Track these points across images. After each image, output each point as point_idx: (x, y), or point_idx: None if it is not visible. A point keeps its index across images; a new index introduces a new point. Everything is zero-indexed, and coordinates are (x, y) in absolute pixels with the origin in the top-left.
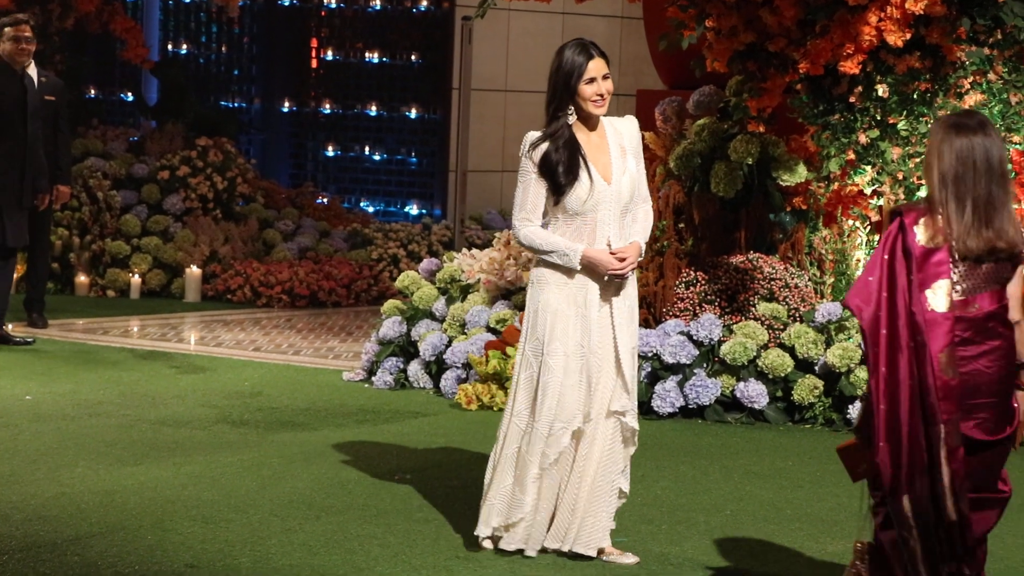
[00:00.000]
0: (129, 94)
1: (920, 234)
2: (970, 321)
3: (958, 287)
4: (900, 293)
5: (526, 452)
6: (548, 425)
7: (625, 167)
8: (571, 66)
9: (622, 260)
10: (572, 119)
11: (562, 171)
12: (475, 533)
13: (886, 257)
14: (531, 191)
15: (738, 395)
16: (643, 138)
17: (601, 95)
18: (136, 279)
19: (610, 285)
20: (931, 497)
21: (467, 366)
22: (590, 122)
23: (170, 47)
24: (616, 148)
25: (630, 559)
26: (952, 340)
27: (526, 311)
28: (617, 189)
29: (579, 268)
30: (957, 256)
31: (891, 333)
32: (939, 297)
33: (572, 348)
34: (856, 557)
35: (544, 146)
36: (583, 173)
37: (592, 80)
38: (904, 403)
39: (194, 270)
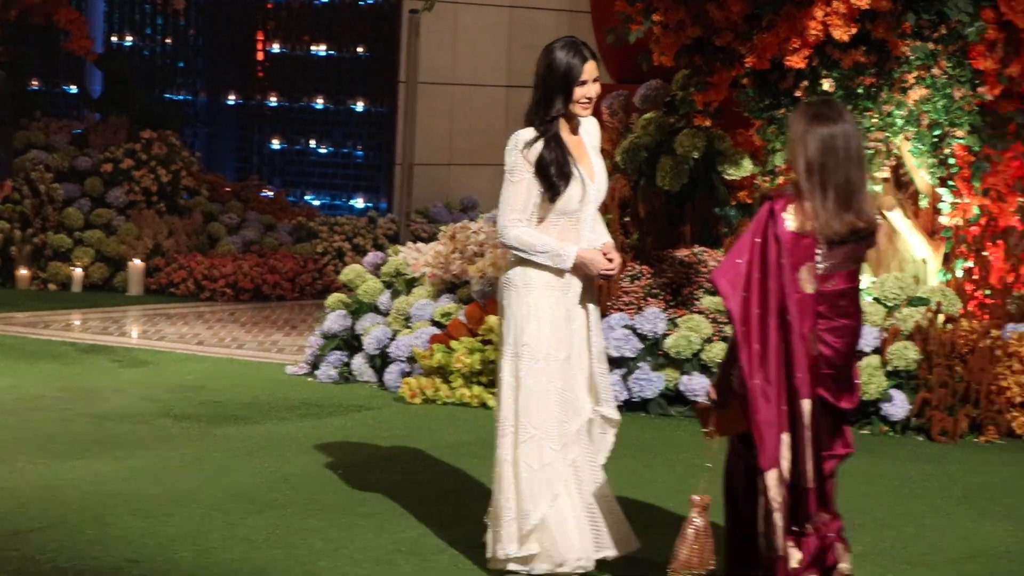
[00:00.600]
0: (73, 86)
1: (789, 220)
2: (825, 296)
3: (819, 266)
4: (772, 275)
5: (545, 461)
6: (562, 430)
7: (600, 166)
8: (567, 67)
9: (611, 260)
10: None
11: (555, 171)
12: (501, 555)
13: (758, 240)
14: (523, 191)
15: (682, 389)
16: None
17: (590, 98)
18: (78, 272)
19: (587, 287)
20: (794, 467)
21: (412, 360)
22: (572, 122)
23: (114, 39)
24: (591, 147)
25: None
26: (816, 317)
27: (512, 315)
28: (598, 187)
29: (570, 269)
30: (821, 239)
31: (763, 312)
32: (808, 279)
33: (565, 353)
34: (694, 513)
35: (538, 146)
36: (575, 172)
37: (584, 83)
38: (775, 378)
39: (137, 263)
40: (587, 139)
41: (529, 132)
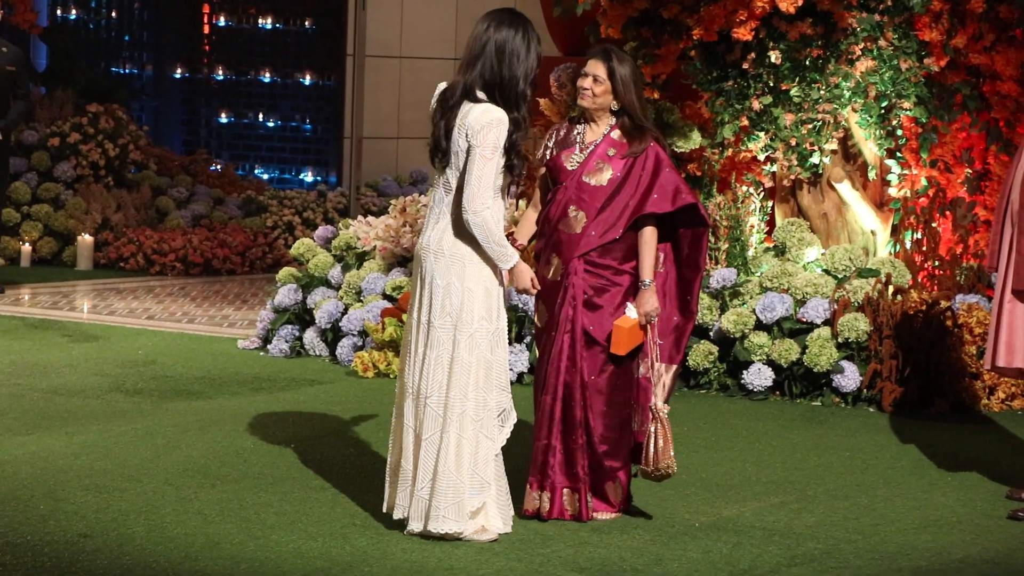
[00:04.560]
0: None
1: None
2: None
3: None
4: None
5: (481, 433)
6: (499, 403)
7: None
8: (537, 60)
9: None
10: None
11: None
12: (445, 531)
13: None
14: (494, 170)
15: None
16: (538, 104)
17: None
18: (26, 247)
19: (496, 265)
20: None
21: (363, 333)
22: None
23: (59, 12)
24: None
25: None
26: None
27: (457, 289)
28: None
29: (506, 269)
30: None
31: None
32: None
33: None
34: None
35: (512, 128)
36: None
37: None
38: None
39: (86, 238)
40: None
41: (501, 112)
